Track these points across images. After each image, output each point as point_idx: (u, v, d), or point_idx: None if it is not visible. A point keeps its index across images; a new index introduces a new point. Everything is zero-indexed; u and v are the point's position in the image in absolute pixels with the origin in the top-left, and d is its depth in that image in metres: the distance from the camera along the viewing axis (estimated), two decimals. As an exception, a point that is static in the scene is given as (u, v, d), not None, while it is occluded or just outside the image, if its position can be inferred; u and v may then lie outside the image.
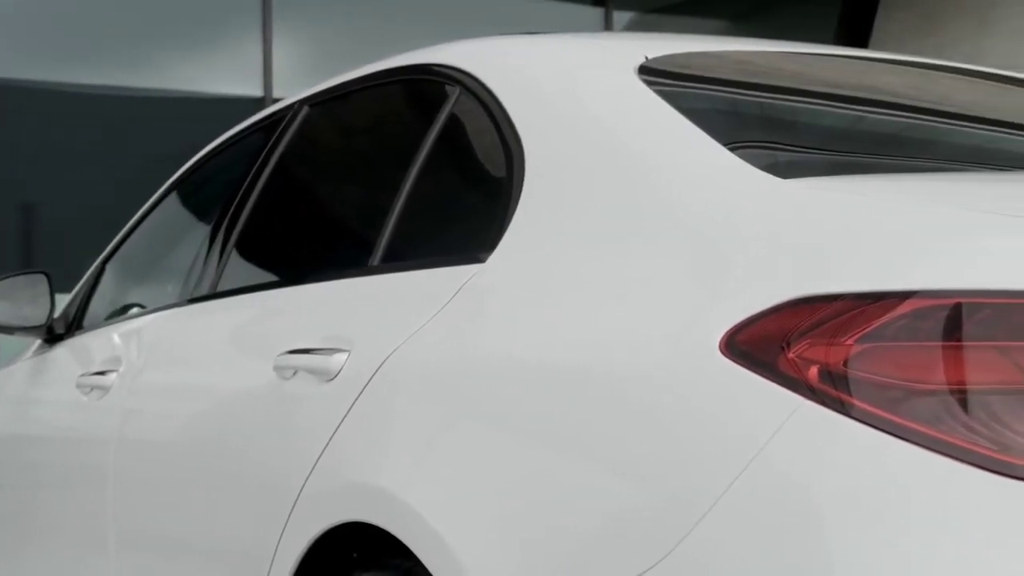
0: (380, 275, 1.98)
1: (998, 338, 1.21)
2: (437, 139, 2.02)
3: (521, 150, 1.80)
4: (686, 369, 1.37)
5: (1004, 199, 1.48)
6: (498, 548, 1.50)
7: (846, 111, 2.06)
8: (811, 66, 2.21)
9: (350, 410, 1.80)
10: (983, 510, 1.18)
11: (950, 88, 2.33)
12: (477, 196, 1.98)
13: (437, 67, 2.12)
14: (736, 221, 1.48)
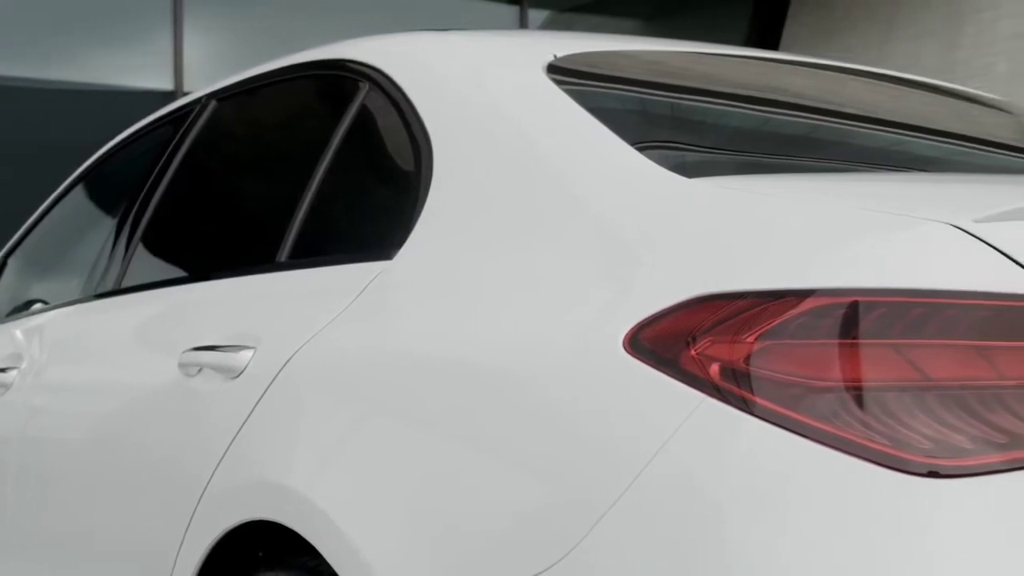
0: (287, 272, 1.97)
1: (893, 336, 1.23)
2: (345, 135, 2.01)
3: (429, 147, 1.79)
4: (590, 366, 1.38)
5: (902, 199, 1.50)
6: (403, 547, 1.50)
7: (753, 112, 2.08)
8: (719, 67, 2.23)
9: (255, 408, 1.78)
10: (879, 506, 1.20)
11: (856, 90, 2.37)
12: (385, 193, 1.97)
13: (347, 63, 2.11)
14: (642, 220, 1.49)
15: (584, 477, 1.34)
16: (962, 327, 1.22)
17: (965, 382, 1.21)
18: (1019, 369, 1.21)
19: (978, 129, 2.33)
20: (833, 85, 2.37)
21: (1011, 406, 1.20)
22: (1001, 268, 1.23)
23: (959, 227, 1.25)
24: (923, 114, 2.34)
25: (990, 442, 1.19)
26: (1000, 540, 1.17)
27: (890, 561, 1.18)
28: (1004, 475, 1.19)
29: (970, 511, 1.18)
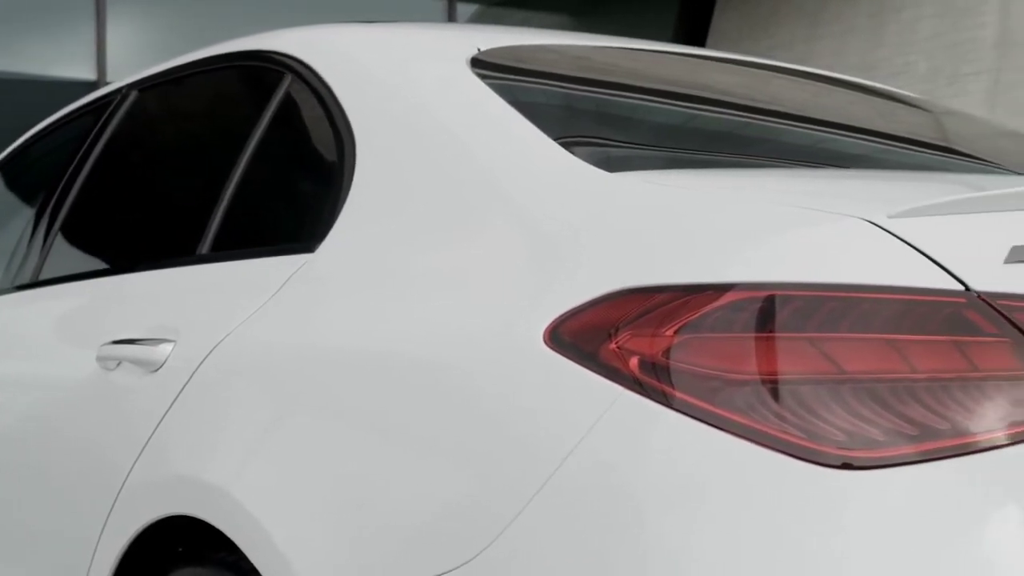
0: (208, 264, 1.95)
1: (809, 329, 1.24)
2: (268, 127, 1.99)
3: (352, 140, 1.78)
4: (511, 360, 1.38)
5: (820, 195, 1.52)
6: (323, 541, 1.49)
7: (677, 108, 2.09)
8: (644, 62, 2.24)
9: (175, 402, 1.76)
10: (795, 498, 1.21)
11: (779, 87, 2.40)
12: (307, 185, 1.96)
13: (270, 54, 2.09)
14: (564, 214, 1.49)
15: (504, 472, 1.34)
16: (875, 321, 1.24)
17: (878, 375, 1.23)
18: (930, 362, 1.23)
19: (897, 127, 2.37)
20: (757, 82, 2.40)
21: (922, 399, 1.22)
22: (913, 263, 1.25)
23: (873, 222, 1.27)
24: (845, 112, 2.37)
25: (902, 434, 1.21)
26: (911, 530, 1.19)
27: (805, 552, 1.20)
28: (915, 466, 1.20)
29: (882, 502, 1.20)
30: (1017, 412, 1.22)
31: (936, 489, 1.20)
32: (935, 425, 1.21)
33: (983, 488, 1.21)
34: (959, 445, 1.21)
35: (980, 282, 1.24)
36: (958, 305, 1.23)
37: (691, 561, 1.22)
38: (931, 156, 2.20)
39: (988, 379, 1.22)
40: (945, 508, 1.20)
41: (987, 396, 1.22)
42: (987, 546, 1.20)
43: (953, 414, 1.21)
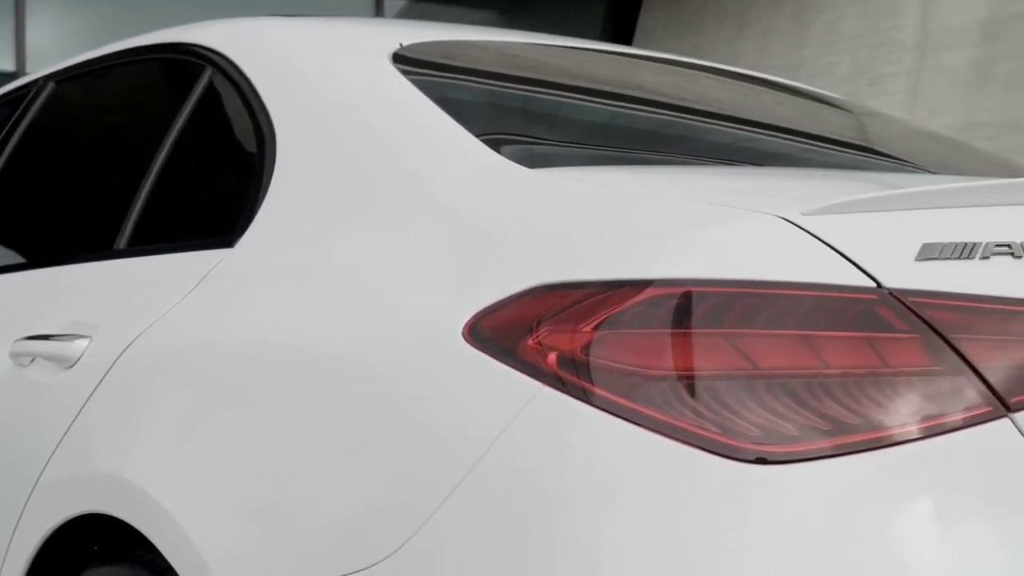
0: (125, 259, 1.92)
1: (725, 325, 1.25)
2: (187, 121, 1.97)
3: (273, 135, 1.77)
4: (431, 356, 1.38)
5: (737, 192, 1.54)
6: (239, 539, 1.47)
7: (599, 105, 2.10)
8: (568, 60, 2.25)
9: (90, 398, 1.74)
10: (711, 493, 1.22)
11: (703, 86, 2.41)
12: (227, 180, 1.94)
13: (190, 47, 2.07)
14: (484, 210, 1.49)
15: (421, 469, 1.34)
16: (790, 317, 1.25)
17: (792, 371, 1.24)
18: (843, 358, 1.25)
19: (818, 126, 2.40)
20: (681, 81, 2.41)
21: (835, 394, 1.23)
22: (827, 260, 1.26)
23: (788, 220, 1.28)
24: (766, 111, 2.39)
25: (815, 429, 1.22)
26: (824, 523, 1.20)
27: (721, 547, 1.20)
28: (829, 460, 1.22)
29: (796, 496, 1.21)
30: (928, 407, 1.23)
31: (849, 483, 1.22)
32: (848, 420, 1.23)
33: (896, 481, 1.22)
34: (872, 439, 1.23)
35: (892, 279, 1.26)
36: (870, 302, 1.25)
37: (608, 556, 1.23)
38: (850, 155, 2.23)
39: (899, 375, 1.24)
40: (858, 501, 1.21)
41: (898, 391, 1.24)
42: (900, 538, 1.21)
43: (865, 409, 1.23)
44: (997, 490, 1.23)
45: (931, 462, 1.23)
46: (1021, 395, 1.24)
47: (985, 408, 1.23)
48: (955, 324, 1.25)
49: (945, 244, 1.27)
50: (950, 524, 1.22)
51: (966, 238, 1.28)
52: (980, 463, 1.23)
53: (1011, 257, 1.28)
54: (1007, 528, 1.22)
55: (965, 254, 1.27)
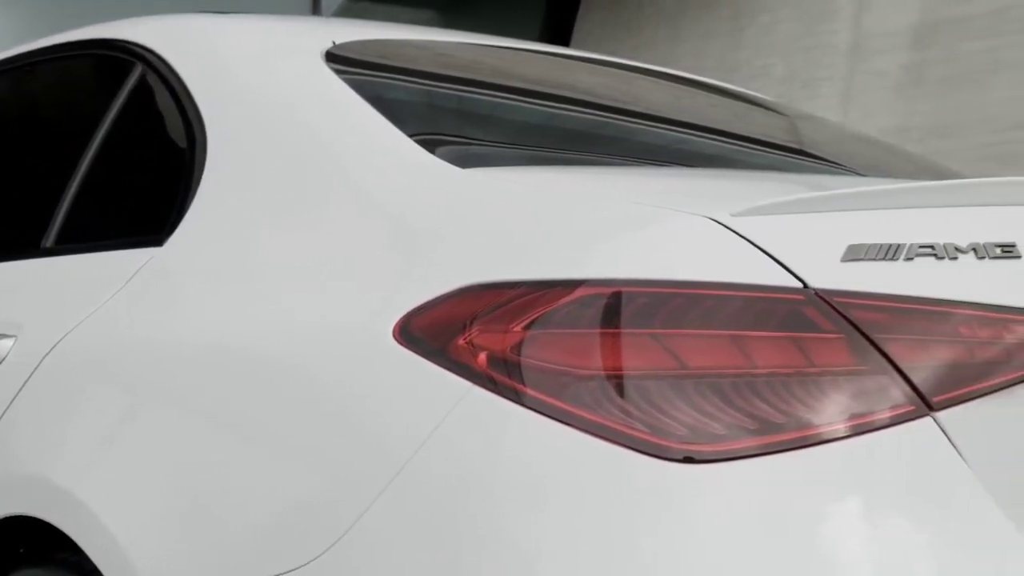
0: (52, 258, 1.90)
1: (654, 325, 1.26)
2: (117, 118, 1.95)
3: (203, 133, 1.76)
4: (361, 356, 1.37)
5: (668, 193, 1.55)
6: (168, 542, 1.46)
7: (534, 106, 2.11)
8: (503, 60, 2.25)
9: (15, 398, 1.71)
10: (639, 492, 1.22)
11: (639, 88, 2.43)
12: (157, 179, 1.92)
13: (120, 43, 2.05)
14: (416, 209, 1.49)
15: (352, 469, 1.33)
16: (718, 317, 1.26)
17: (720, 370, 1.25)
18: (770, 358, 1.26)
19: (751, 129, 2.42)
20: (616, 82, 2.42)
21: (763, 393, 1.25)
22: (755, 260, 1.28)
23: (717, 221, 1.29)
24: (701, 113, 2.41)
25: (743, 428, 1.23)
26: (751, 522, 1.22)
27: (649, 546, 1.21)
28: (757, 459, 1.23)
29: (723, 495, 1.22)
30: (853, 406, 1.25)
31: (776, 481, 1.23)
32: (775, 419, 1.24)
33: (822, 480, 1.24)
34: (798, 438, 1.24)
35: (818, 280, 1.27)
36: (797, 302, 1.26)
37: (538, 556, 1.23)
38: (781, 157, 2.26)
39: (825, 374, 1.25)
40: (785, 500, 1.23)
41: (824, 391, 1.25)
42: (825, 536, 1.23)
43: (792, 408, 1.24)
44: (920, 488, 1.25)
45: (856, 461, 1.24)
46: (943, 394, 1.26)
47: (909, 407, 1.25)
48: (880, 324, 1.27)
49: (870, 245, 1.29)
50: (875, 522, 1.24)
51: (891, 239, 1.30)
52: (904, 462, 1.25)
53: (934, 258, 1.30)
54: (931, 525, 1.24)
55: (890, 255, 1.29)
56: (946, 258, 1.30)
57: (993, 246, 1.32)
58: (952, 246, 1.31)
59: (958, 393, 1.26)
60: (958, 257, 1.31)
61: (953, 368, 1.27)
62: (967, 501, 1.25)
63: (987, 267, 1.31)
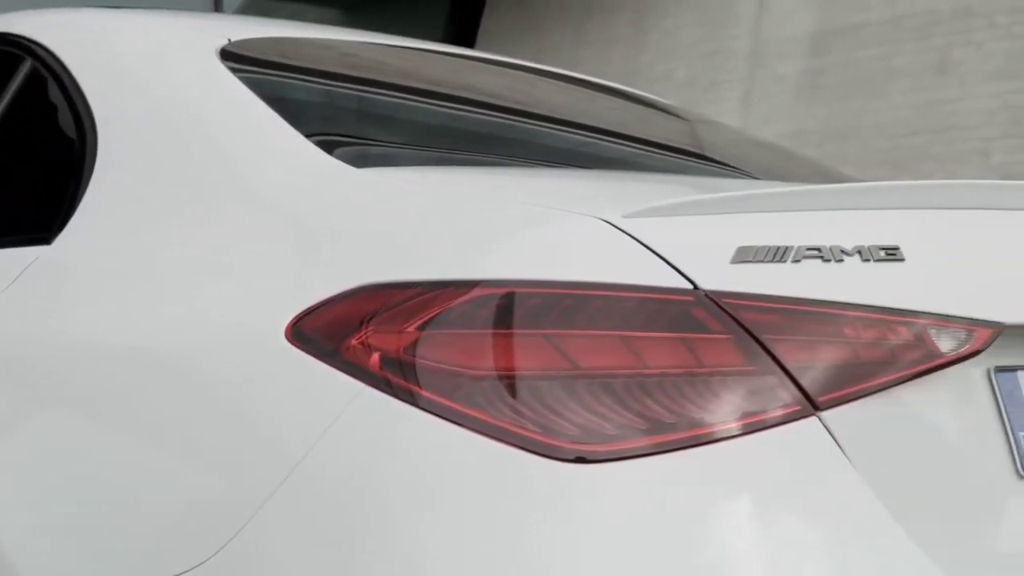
0: None
1: (545, 326, 1.26)
2: (4, 114, 1.91)
3: (94, 130, 1.72)
4: (253, 356, 1.36)
5: (562, 194, 1.55)
6: (55, 545, 1.43)
7: (432, 107, 2.10)
8: (402, 60, 2.25)
9: None
10: (532, 492, 1.23)
11: (540, 91, 2.43)
12: (45, 176, 1.88)
13: (9, 36, 2.00)
14: (310, 210, 1.48)
15: (244, 470, 1.32)
16: (609, 318, 1.27)
17: (611, 371, 1.26)
18: (661, 359, 1.27)
19: (650, 132, 2.44)
20: (515, 84, 2.43)
21: (653, 394, 1.26)
22: (646, 262, 1.28)
23: (609, 222, 1.30)
24: (601, 116, 2.42)
25: (634, 428, 1.24)
26: (643, 521, 1.23)
27: (541, 546, 1.22)
28: (647, 459, 1.24)
29: (614, 494, 1.23)
30: (741, 406, 1.27)
31: (666, 480, 1.24)
32: (665, 419, 1.25)
33: (711, 479, 1.25)
34: (688, 438, 1.25)
35: (708, 281, 1.28)
36: (687, 303, 1.28)
37: (430, 556, 1.23)
38: (678, 160, 2.28)
39: (714, 374, 1.27)
40: (675, 499, 1.24)
41: (713, 391, 1.26)
42: (715, 534, 1.24)
43: (682, 408, 1.26)
44: (806, 486, 1.27)
45: (744, 460, 1.26)
46: (829, 394, 1.28)
47: (795, 407, 1.27)
48: (767, 325, 1.28)
49: (759, 247, 1.30)
50: (762, 520, 1.26)
51: (779, 242, 1.31)
52: (790, 460, 1.27)
53: (821, 260, 1.32)
54: (816, 523, 1.26)
55: (778, 257, 1.31)
56: (832, 260, 1.32)
57: (878, 249, 1.35)
58: (838, 248, 1.33)
59: (843, 393, 1.28)
60: (844, 259, 1.33)
61: (838, 369, 1.29)
62: (851, 499, 1.27)
63: (872, 269, 1.34)
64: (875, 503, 1.27)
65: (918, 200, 1.45)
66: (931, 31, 5.58)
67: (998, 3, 5.44)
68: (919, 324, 1.33)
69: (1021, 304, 1.44)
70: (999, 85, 5.34)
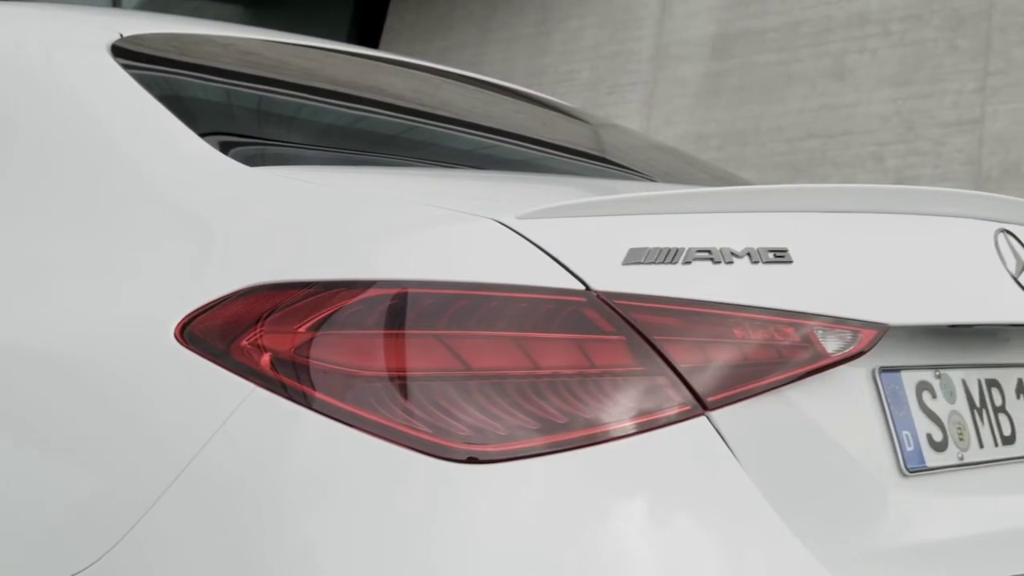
0: None
1: (438, 327, 1.27)
2: None
3: None
4: (143, 357, 1.35)
5: (457, 196, 1.56)
6: None
7: (327, 106, 2.09)
8: (301, 59, 2.23)
9: None
10: (423, 493, 1.23)
11: (440, 92, 2.43)
12: None
13: None
14: (203, 209, 1.46)
15: (134, 470, 1.31)
16: (502, 319, 1.27)
17: (504, 372, 1.26)
18: (553, 359, 1.28)
19: (549, 134, 2.45)
20: (416, 84, 2.42)
21: (545, 394, 1.26)
22: (539, 263, 1.29)
23: (503, 223, 1.31)
24: (500, 117, 2.43)
25: (526, 428, 1.25)
26: (533, 520, 1.23)
27: (433, 546, 1.22)
28: (538, 459, 1.25)
29: (506, 495, 1.24)
30: (633, 406, 1.28)
31: (557, 480, 1.25)
32: (557, 419, 1.26)
33: (603, 478, 1.26)
34: (579, 438, 1.26)
35: (599, 282, 1.29)
36: (579, 304, 1.29)
37: (320, 559, 1.22)
38: (576, 163, 2.29)
39: (606, 375, 1.28)
40: (566, 498, 1.25)
41: (605, 391, 1.28)
42: (606, 533, 1.25)
43: (574, 409, 1.27)
44: (695, 485, 1.28)
45: (635, 459, 1.27)
46: (718, 394, 1.30)
47: (685, 407, 1.29)
48: (658, 326, 1.30)
49: (650, 249, 1.32)
50: (652, 518, 1.27)
51: (670, 244, 1.33)
52: (680, 460, 1.29)
53: (711, 262, 1.34)
54: (704, 521, 1.28)
55: (668, 259, 1.32)
56: (722, 262, 1.34)
57: (766, 251, 1.37)
58: (728, 251, 1.35)
59: (731, 393, 1.31)
60: (733, 261, 1.35)
61: (727, 369, 1.31)
62: (739, 498, 1.29)
63: (760, 271, 1.36)
64: (762, 502, 1.29)
65: (807, 203, 1.47)
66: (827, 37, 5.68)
67: (892, 11, 5.56)
68: (806, 325, 1.36)
69: (905, 306, 1.47)
70: (893, 91, 5.46)
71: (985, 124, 5.15)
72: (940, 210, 1.58)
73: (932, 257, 1.54)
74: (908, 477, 1.42)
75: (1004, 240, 1.61)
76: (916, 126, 5.35)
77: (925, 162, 5.28)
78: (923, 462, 1.45)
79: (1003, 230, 1.62)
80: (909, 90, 5.40)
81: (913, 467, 1.43)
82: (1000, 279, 1.58)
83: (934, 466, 1.46)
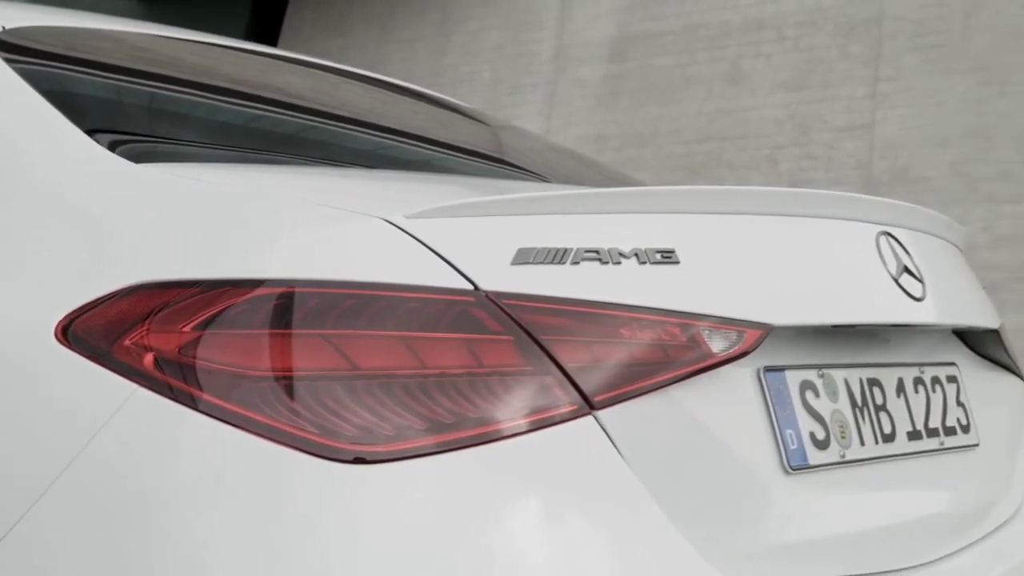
0: None
1: (325, 326, 1.26)
2: None
3: None
4: (25, 355, 1.32)
5: (347, 195, 1.55)
6: None
7: (216, 103, 2.06)
8: (191, 55, 2.20)
9: None
10: (310, 494, 1.22)
11: (335, 91, 2.41)
12: None
13: None
14: (86, 206, 1.44)
15: (14, 469, 1.28)
16: (390, 319, 1.27)
17: (392, 371, 1.26)
18: (442, 359, 1.28)
19: (445, 134, 2.45)
20: (312, 83, 2.40)
21: (433, 394, 1.26)
22: (427, 262, 1.29)
23: (391, 222, 1.30)
24: (395, 117, 2.42)
25: (414, 428, 1.25)
26: (422, 520, 1.23)
27: (321, 547, 1.21)
28: (425, 459, 1.24)
29: (394, 494, 1.23)
30: (521, 405, 1.28)
31: (445, 480, 1.25)
32: (445, 419, 1.26)
33: (491, 478, 1.26)
34: (467, 437, 1.26)
35: (488, 282, 1.30)
36: (467, 304, 1.29)
37: (205, 560, 1.21)
38: (470, 163, 2.29)
39: (494, 375, 1.28)
40: (454, 498, 1.25)
41: (493, 391, 1.28)
42: (496, 532, 1.25)
43: (462, 408, 1.27)
44: (582, 484, 1.29)
45: (522, 459, 1.27)
46: (605, 394, 1.31)
47: (572, 407, 1.29)
48: (545, 326, 1.30)
49: (539, 249, 1.32)
50: (540, 517, 1.28)
51: (558, 244, 1.34)
52: (567, 459, 1.29)
53: (599, 263, 1.35)
54: (592, 520, 1.29)
55: (557, 259, 1.33)
56: (610, 263, 1.35)
57: (654, 251, 1.39)
58: (616, 251, 1.36)
59: (618, 392, 1.32)
60: (621, 262, 1.36)
61: (614, 369, 1.32)
62: (625, 497, 1.30)
63: (648, 272, 1.37)
64: (649, 501, 1.30)
65: (694, 205, 1.49)
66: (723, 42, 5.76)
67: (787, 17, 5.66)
68: (692, 325, 1.38)
69: (789, 306, 1.50)
70: (787, 95, 5.55)
71: (876, 129, 5.26)
72: (824, 212, 1.61)
73: (816, 259, 1.57)
74: (791, 475, 1.45)
75: (885, 242, 1.65)
76: (809, 130, 5.44)
77: (818, 166, 5.38)
78: (806, 460, 1.47)
79: (884, 232, 1.65)
80: (803, 95, 5.49)
81: (796, 465, 1.46)
82: (881, 280, 1.61)
83: (817, 464, 1.48)
